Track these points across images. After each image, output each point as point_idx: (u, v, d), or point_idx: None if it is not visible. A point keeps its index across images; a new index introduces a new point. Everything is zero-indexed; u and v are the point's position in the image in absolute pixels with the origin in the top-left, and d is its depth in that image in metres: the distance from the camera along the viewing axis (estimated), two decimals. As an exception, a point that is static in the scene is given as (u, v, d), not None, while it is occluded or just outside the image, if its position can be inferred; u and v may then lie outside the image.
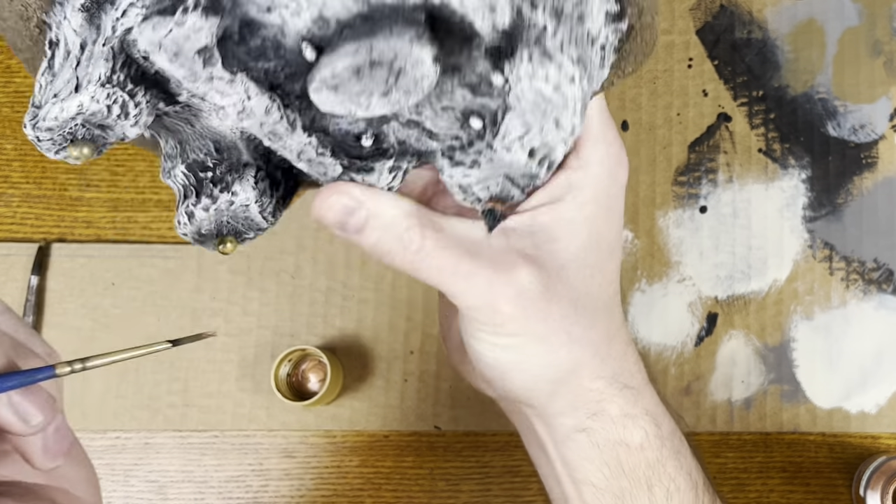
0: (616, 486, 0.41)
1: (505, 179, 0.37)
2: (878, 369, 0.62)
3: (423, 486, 0.61)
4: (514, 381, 0.40)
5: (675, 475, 0.42)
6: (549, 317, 0.38)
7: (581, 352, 0.39)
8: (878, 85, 0.64)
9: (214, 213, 0.38)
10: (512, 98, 0.34)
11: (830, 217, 0.63)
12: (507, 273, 0.37)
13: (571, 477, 0.41)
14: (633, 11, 0.36)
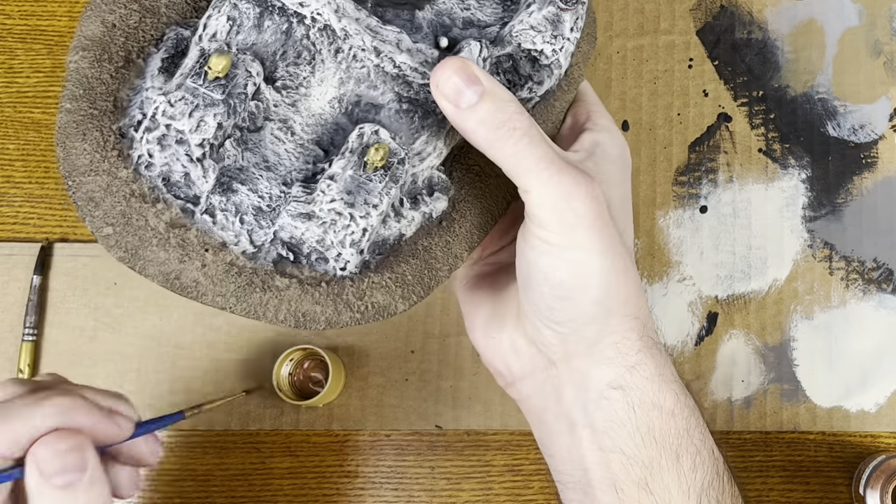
0: (646, 454, 0.40)
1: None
2: (878, 368, 0.62)
3: (423, 485, 0.61)
4: (576, 301, 0.40)
5: (700, 447, 0.42)
6: (612, 236, 0.40)
7: (630, 283, 0.41)
8: (878, 85, 0.64)
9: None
10: None
11: (830, 217, 0.63)
12: (588, 179, 0.39)
13: (599, 445, 0.41)
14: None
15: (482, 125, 0.38)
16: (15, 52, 0.67)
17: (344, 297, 0.39)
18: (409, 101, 0.40)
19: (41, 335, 0.63)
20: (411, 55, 0.40)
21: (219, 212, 0.38)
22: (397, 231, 0.41)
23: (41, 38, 0.67)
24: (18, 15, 0.68)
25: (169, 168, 0.37)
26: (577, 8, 0.42)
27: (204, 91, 0.37)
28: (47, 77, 0.67)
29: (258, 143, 0.39)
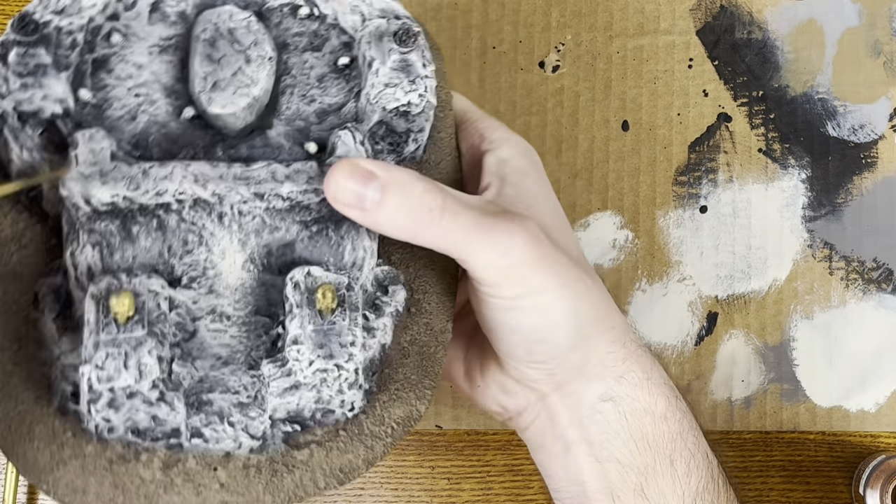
0: (641, 461, 0.41)
1: (389, 36, 0.41)
2: (878, 368, 0.62)
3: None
4: (551, 341, 0.39)
5: (694, 451, 0.42)
6: (564, 265, 0.39)
7: (598, 301, 0.40)
8: (878, 85, 0.64)
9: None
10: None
11: (830, 217, 0.63)
12: (519, 223, 0.38)
13: (596, 457, 0.41)
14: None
15: (396, 220, 0.36)
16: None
17: (367, 432, 0.38)
18: (315, 222, 0.38)
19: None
20: (293, 180, 0.37)
21: (205, 429, 0.36)
22: (378, 345, 0.39)
23: (41, 38, 0.67)
24: (18, 15, 0.68)
25: (133, 421, 0.35)
26: (419, 41, 0.40)
27: (124, 337, 0.34)
28: (47, 77, 0.67)
29: (202, 346, 0.37)
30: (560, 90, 0.64)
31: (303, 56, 0.41)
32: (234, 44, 0.39)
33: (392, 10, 0.41)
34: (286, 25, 0.41)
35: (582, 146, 0.64)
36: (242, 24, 0.39)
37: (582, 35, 0.65)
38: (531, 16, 0.65)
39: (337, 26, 0.42)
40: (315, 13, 0.42)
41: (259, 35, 0.39)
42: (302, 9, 0.41)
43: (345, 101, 0.41)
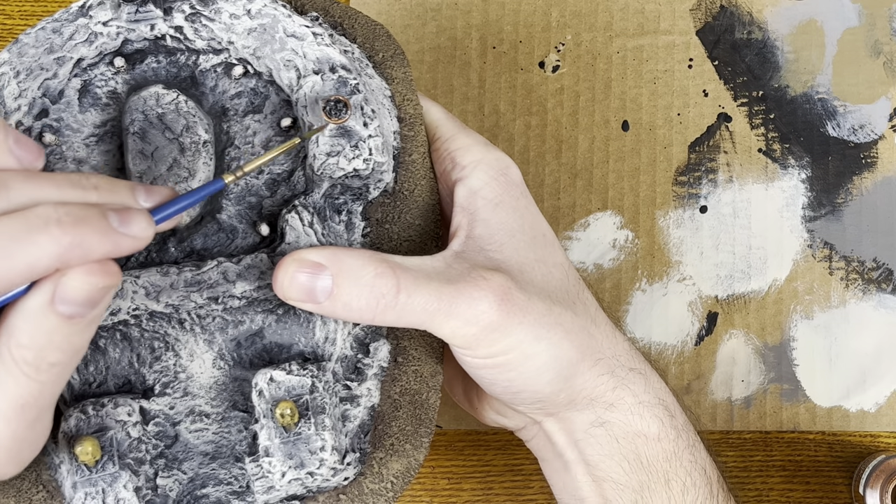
0: (636, 480, 0.41)
1: (322, 103, 0.38)
2: (878, 368, 0.62)
3: (424, 485, 0.61)
4: (531, 391, 0.39)
5: (690, 469, 0.42)
6: (538, 313, 0.38)
7: (579, 339, 0.39)
8: (878, 85, 0.64)
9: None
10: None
11: (830, 217, 0.63)
12: (483, 285, 0.37)
13: (593, 475, 0.41)
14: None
15: (351, 308, 0.35)
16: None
17: (367, 491, 0.37)
18: (280, 306, 0.37)
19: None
20: (245, 278, 0.36)
21: None
22: (366, 409, 0.38)
23: (41, 39, 0.67)
24: (19, 15, 0.68)
25: None
26: (354, 103, 0.37)
27: (98, 476, 0.34)
28: (47, 77, 0.67)
29: (187, 447, 0.37)
30: (560, 90, 0.64)
31: (244, 121, 0.39)
32: (164, 131, 0.36)
33: (327, 59, 0.38)
34: (222, 88, 0.39)
35: (582, 146, 0.64)
36: (171, 108, 0.37)
37: (582, 35, 0.65)
38: (531, 16, 0.65)
39: (274, 83, 0.39)
40: (250, 70, 0.39)
41: (190, 118, 0.37)
42: (236, 68, 0.39)
43: (293, 168, 0.39)
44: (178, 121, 0.37)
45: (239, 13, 0.38)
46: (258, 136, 0.39)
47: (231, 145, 0.39)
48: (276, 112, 0.39)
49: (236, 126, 0.39)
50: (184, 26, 0.38)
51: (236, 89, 0.39)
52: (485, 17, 0.66)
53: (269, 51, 0.38)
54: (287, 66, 0.38)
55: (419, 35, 0.66)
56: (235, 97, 0.39)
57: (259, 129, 0.39)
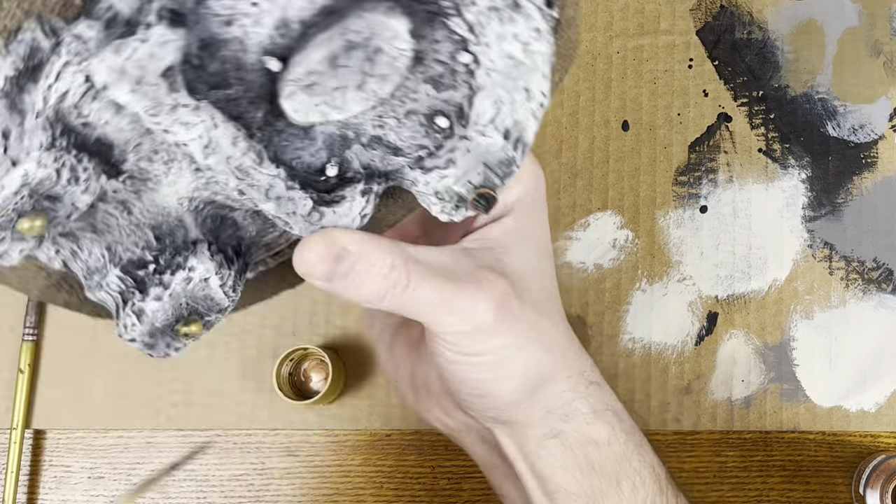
0: (587, 486, 0.41)
1: (485, 168, 0.36)
2: (878, 368, 0.62)
3: (424, 485, 0.61)
4: (496, 395, 0.40)
5: (639, 468, 0.43)
6: (527, 324, 0.39)
7: (554, 355, 0.40)
8: (878, 85, 0.64)
9: (170, 299, 0.34)
10: (480, 76, 0.33)
11: (830, 217, 0.63)
12: (485, 287, 0.37)
13: (544, 490, 0.42)
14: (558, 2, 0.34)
15: (359, 292, 0.35)
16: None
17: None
18: (264, 219, 0.36)
19: (41, 335, 0.63)
20: (279, 205, 0.34)
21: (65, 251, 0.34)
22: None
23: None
24: (18, 15, 0.68)
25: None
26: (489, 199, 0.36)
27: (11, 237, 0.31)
28: (47, 77, 0.67)
29: (88, 216, 0.34)
30: (560, 90, 0.64)
31: (419, 84, 0.34)
32: (366, 62, 0.32)
33: (519, 133, 0.35)
34: (437, 54, 0.34)
35: (582, 146, 0.64)
36: (392, 53, 0.32)
37: (582, 35, 0.65)
38: (531, 16, 0.65)
39: (469, 87, 0.35)
40: (471, 66, 0.34)
41: (395, 75, 0.33)
42: (463, 55, 0.34)
43: (404, 152, 0.35)
44: (384, 66, 0.34)
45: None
46: (412, 104, 0.35)
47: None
48: (441, 107, 0.36)
49: (410, 82, 0.35)
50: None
51: (443, 64, 0.35)
52: (485, 17, 0.66)
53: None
54: (494, 104, 0.36)
55: (419, 35, 0.66)
56: (437, 63, 0.35)
57: (418, 102, 0.35)
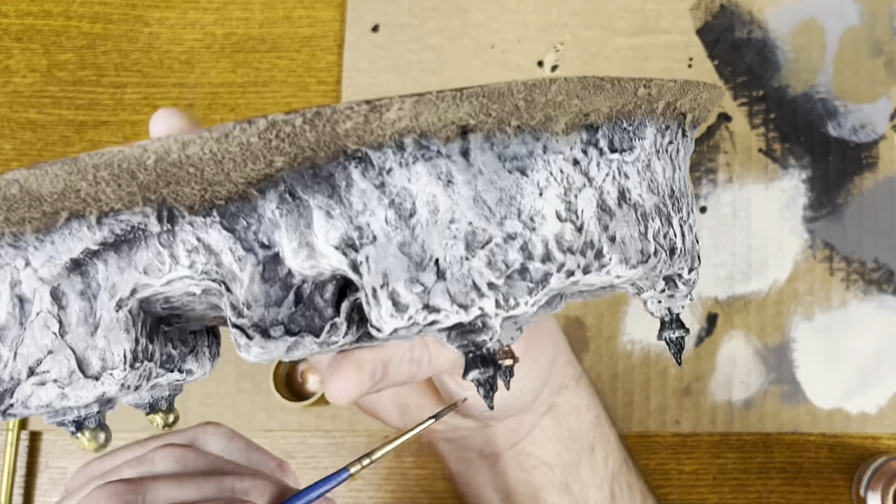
0: (566, 457, 0.43)
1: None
2: (879, 370, 0.61)
3: (423, 486, 0.61)
4: (519, 403, 0.41)
5: (609, 434, 0.45)
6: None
7: (552, 338, 0.42)
8: (879, 85, 0.64)
9: (148, 392, 0.31)
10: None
11: (830, 217, 0.63)
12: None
13: (522, 465, 0.43)
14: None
15: (394, 382, 0.36)
16: (11, 51, 0.67)
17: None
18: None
19: (37, 336, 0.63)
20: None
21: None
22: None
23: (37, 38, 0.67)
24: (14, 14, 0.68)
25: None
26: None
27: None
28: (43, 77, 0.67)
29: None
30: (559, 90, 0.64)
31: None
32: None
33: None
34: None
35: (581, 146, 0.64)
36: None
37: (581, 34, 0.65)
38: (530, 15, 0.65)
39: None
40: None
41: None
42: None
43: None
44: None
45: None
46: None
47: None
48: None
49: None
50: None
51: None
52: (484, 16, 0.65)
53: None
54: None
55: (418, 34, 0.65)
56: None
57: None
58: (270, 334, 0.25)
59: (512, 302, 0.25)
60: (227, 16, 0.67)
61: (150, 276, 0.25)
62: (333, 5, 0.67)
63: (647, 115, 0.27)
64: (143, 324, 0.26)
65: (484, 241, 0.25)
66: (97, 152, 0.23)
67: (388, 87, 0.65)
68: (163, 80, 0.66)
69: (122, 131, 0.66)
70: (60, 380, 0.25)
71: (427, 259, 0.24)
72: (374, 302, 0.24)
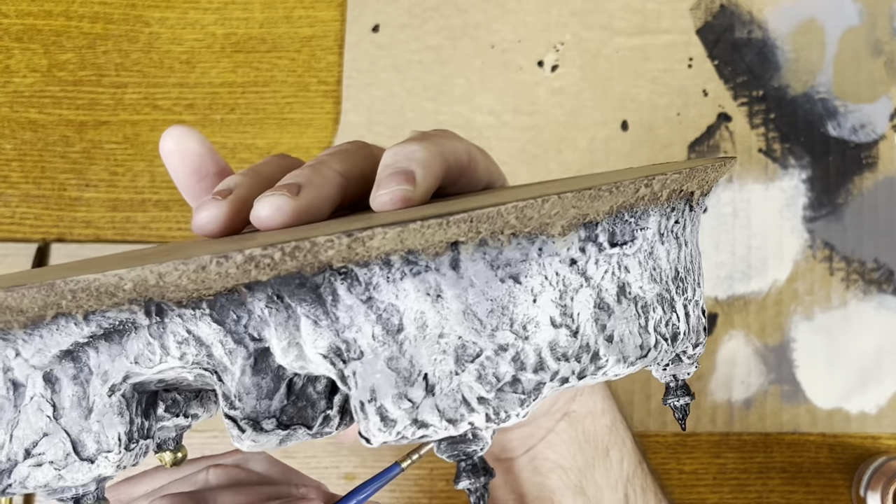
0: (581, 460, 0.43)
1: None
2: (878, 369, 0.62)
3: (422, 486, 0.61)
4: (536, 413, 0.41)
5: (625, 437, 0.44)
6: None
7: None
8: (879, 85, 0.64)
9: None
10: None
11: (830, 217, 0.63)
12: None
13: (537, 469, 0.43)
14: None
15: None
16: (11, 51, 0.67)
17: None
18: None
19: (37, 336, 0.63)
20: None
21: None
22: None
23: (38, 38, 0.67)
24: (15, 14, 0.68)
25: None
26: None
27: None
28: (44, 77, 0.67)
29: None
30: (559, 90, 0.64)
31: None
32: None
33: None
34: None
35: (581, 146, 0.63)
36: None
37: (581, 34, 0.65)
38: (530, 15, 0.65)
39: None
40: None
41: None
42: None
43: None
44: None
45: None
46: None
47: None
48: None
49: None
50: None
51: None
52: (484, 17, 0.65)
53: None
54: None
55: (418, 34, 0.65)
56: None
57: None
58: (263, 427, 0.25)
59: (503, 415, 0.24)
60: (227, 16, 0.67)
61: (140, 365, 0.25)
62: (334, 5, 0.67)
63: (651, 203, 0.26)
64: (137, 403, 0.26)
65: (474, 355, 0.24)
66: (72, 278, 0.22)
67: (389, 86, 0.65)
68: (163, 80, 0.66)
69: (122, 131, 0.66)
70: (56, 462, 0.25)
71: (415, 374, 0.24)
72: (362, 415, 0.24)
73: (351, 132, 0.65)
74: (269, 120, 0.66)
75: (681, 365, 0.30)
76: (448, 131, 0.33)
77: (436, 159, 0.30)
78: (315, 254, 0.22)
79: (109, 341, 0.25)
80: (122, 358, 0.25)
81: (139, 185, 0.65)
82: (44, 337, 0.24)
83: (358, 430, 0.25)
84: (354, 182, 0.32)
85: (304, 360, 0.24)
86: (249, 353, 0.24)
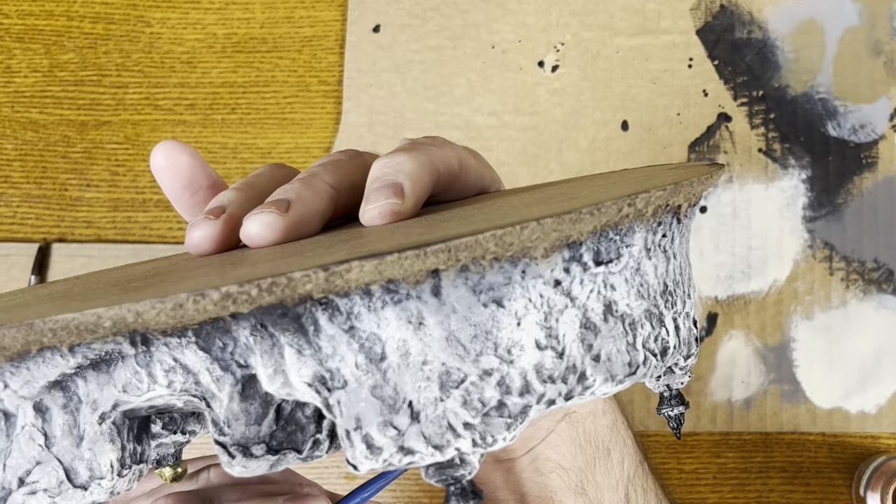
0: (582, 460, 0.42)
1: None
2: (878, 369, 0.62)
3: (422, 486, 0.61)
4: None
5: (626, 438, 0.44)
6: None
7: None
8: (878, 85, 0.64)
9: (154, 450, 0.34)
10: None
11: (830, 217, 0.63)
12: None
13: (538, 469, 0.43)
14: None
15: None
16: (13, 51, 0.67)
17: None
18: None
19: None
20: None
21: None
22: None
23: (39, 38, 0.67)
24: (16, 14, 0.68)
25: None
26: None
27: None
28: (45, 77, 0.67)
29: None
30: (560, 90, 0.64)
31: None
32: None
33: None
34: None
35: (582, 146, 0.64)
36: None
37: (581, 34, 0.65)
38: (530, 15, 0.65)
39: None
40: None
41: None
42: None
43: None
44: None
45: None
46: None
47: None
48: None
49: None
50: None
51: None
52: (484, 17, 0.65)
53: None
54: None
55: (419, 35, 0.66)
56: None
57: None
58: (253, 453, 0.25)
59: (489, 439, 0.24)
60: (228, 16, 0.67)
61: (129, 394, 0.25)
62: (334, 5, 0.67)
63: (636, 220, 0.26)
64: (129, 429, 0.26)
65: (458, 381, 0.24)
66: (51, 318, 0.23)
67: (390, 87, 0.65)
68: (164, 81, 0.67)
69: (123, 131, 0.66)
70: (50, 489, 0.26)
71: (400, 402, 0.24)
72: (348, 443, 0.24)
73: (352, 132, 0.65)
74: (270, 120, 0.66)
75: (674, 375, 0.30)
76: (439, 138, 0.33)
77: (424, 169, 0.30)
78: (293, 288, 0.22)
79: (97, 371, 0.25)
80: (110, 387, 0.25)
81: (140, 185, 0.65)
82: (31, 369, 0.24)
83: (345, 458, 0.25)
84: (346, 193, 0.32)
85: (290, 387, 0.24)
86: (237, 380, 0.24)
